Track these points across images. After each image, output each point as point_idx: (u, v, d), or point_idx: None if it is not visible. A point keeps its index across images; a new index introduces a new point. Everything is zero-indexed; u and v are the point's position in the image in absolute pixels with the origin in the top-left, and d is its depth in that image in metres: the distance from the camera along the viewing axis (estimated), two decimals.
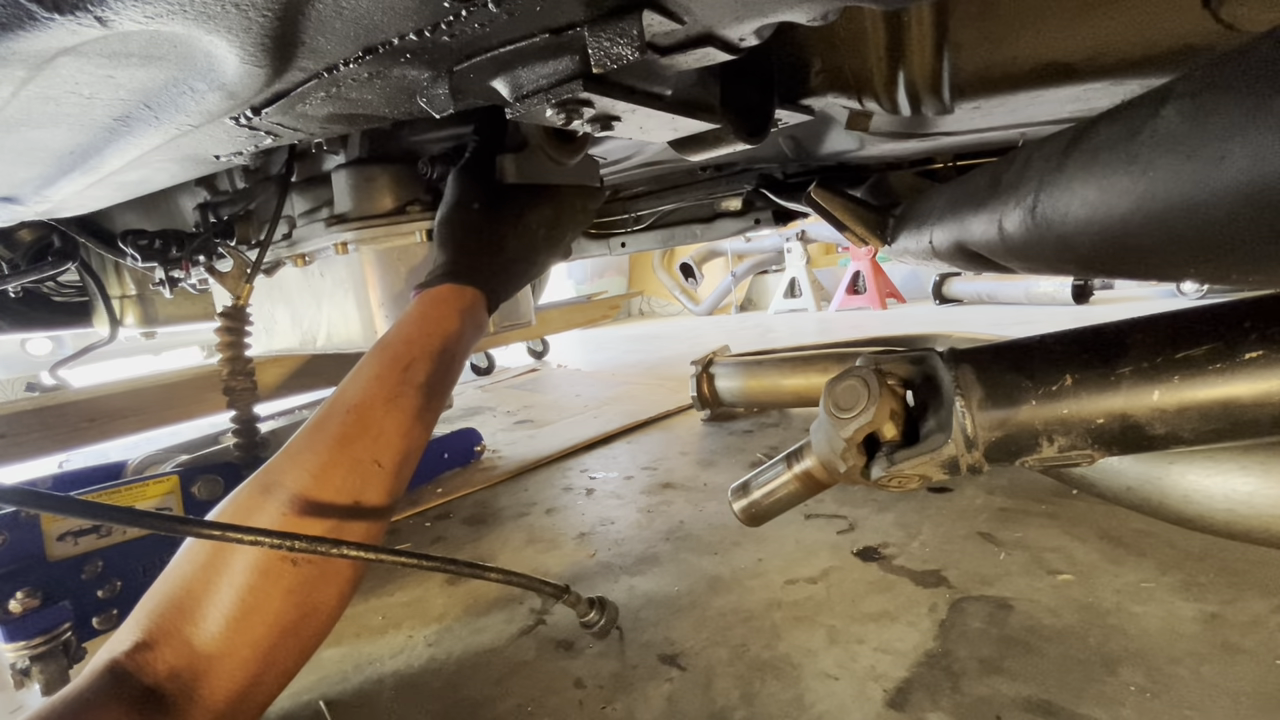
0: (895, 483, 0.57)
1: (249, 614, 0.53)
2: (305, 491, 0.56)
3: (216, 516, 0.57)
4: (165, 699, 0.49)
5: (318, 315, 0.89)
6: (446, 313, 0.68)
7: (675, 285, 5.56)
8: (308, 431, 0.61)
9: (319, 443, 0.59)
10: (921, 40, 0.69)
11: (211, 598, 0.52)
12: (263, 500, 0.56)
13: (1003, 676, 0.68)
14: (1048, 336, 0.54)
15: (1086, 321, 0.54)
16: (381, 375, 0.63)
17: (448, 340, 0.67)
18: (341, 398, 0.62)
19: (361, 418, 0.60)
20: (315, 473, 0.57)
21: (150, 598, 0.54)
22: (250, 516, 0.55)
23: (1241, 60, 0.32)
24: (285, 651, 0.55)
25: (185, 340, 3.47)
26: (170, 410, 1.35)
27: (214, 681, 0.51)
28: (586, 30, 0.43)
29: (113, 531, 0.90)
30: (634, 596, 0.94)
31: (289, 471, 0.58)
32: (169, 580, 0.54)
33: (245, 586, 0.53)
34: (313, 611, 0.56)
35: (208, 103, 0.50)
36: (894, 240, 0.86)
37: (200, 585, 0.53)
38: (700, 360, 1.86)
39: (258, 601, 0.53)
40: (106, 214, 1.07)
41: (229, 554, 0.53)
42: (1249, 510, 0.60)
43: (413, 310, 0.69)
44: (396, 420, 0.61)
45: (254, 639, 0.53)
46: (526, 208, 0.77)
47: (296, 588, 0.55)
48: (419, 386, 0.64)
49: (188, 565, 0.54)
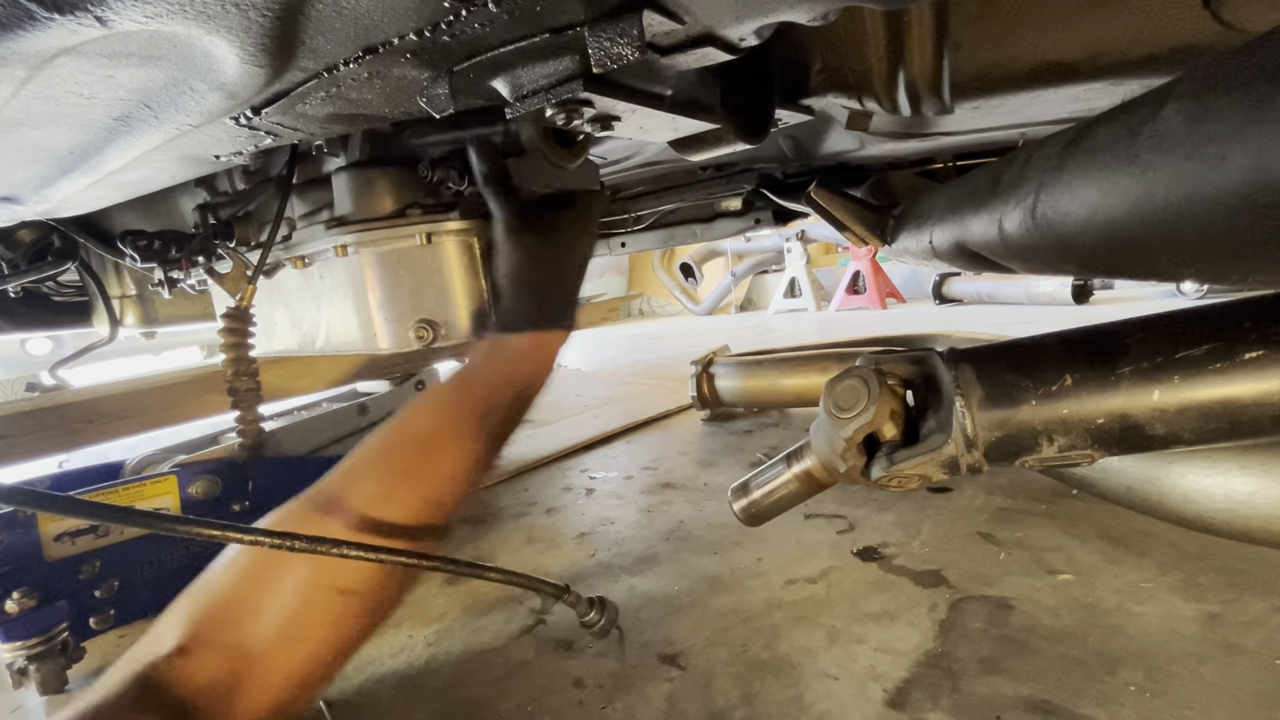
0: (895, 483, 0.57)
1: (291, 641, 0.51)
2: (365, 520, 0.55)
3: None
4: (197, 715, 0.47)
5: (317, 317, 0.88)
6: (530, 362, 0.69)
7: (675, 285, 5.56)
8: (372, 456, 0.59)
9: (384, 471, 0.58)
10: (921, 40, 0.69)
11: (256, 615, 0.51)
12: (320, 521, 0.55)
13: (1003, 676, 0.68)
14: (1048, 336, 0.54)
15: (1086, 321, 0.54)
16: (457, 416, 0.62)
17: (526, 388, 0.67)
18: (412, 428, 0.61)
19: (431, 455, 0.59)
20: (376, 501, 0.56)
21: (193, 600, 0.52)
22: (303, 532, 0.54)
23: (1241, 60, 0.32)
24: (316, 681, 0.54)
25: (185, 340, 3.47)
26: (170, 411, 1.34)
27: (247, 703, 0.49)
28: (587, 30, 0.43)
29: (110, 532, 0.90)
30: (634, 596, 0.94)
31: (349, 494, 0.56)
32: (214, 586, 0.52)
33: (291, 611, 0.51)
34: (348, 646, 0.55)
35: (208, 103, 0.50)
36: (894, 240, 0.86)
37: (247, 598, 0.51)
38: (700, 360, 1.86)
39: (300, 630, 0.52)
40: (106, 214, 1.07)
41: (279, 571, 0.52)
42: (1249, 510, 0.60)
43: (497, 355, 0.68)
44: (463, 463, 0.60)
45: (290, 668, 0.51)
46: (579, 239, 0.76)
47: (340, 620, 0.54)
48: (490, 434, 0.63)
49: (236, 573, 0.53)
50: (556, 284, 0.74)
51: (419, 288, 0.79)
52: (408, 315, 0.79)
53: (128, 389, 1.30)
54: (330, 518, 0.55)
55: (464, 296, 0.79)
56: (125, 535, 0.91)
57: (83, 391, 1.28)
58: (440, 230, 0.77)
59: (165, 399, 1.33)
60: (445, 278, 0.79)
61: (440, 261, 0.78)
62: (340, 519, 0.55)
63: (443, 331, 0.79)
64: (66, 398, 1.23)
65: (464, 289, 0.79)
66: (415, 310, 0.79)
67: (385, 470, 0.58)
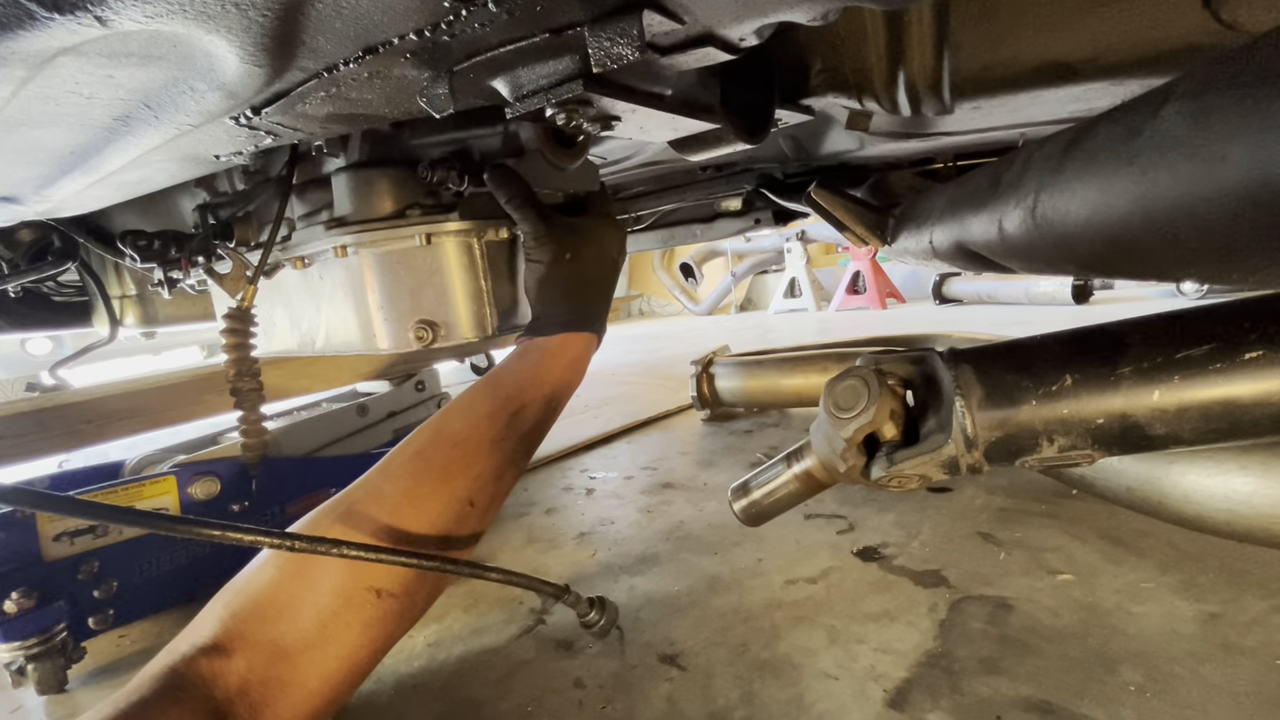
0: (895, 483, 0.57)
1: (328, 642, 0.51)
2: (400, 516, 0.56)
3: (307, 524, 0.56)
4: (232, 717, 0.47)
5: (316, 318, 0.89)
6: (560, 363, 0.71)
7: (675, 285, 5.56)
8: (408, 454, 0.60)
9: (421, 471, 0.59)
10: (921, 40, 0.69)
11: (296, 615, 0.51)
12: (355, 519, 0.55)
13: (1003, 676, 0.68)
14: (1048, 336, 0.54)
15: (1086, 321, 0.54)
16: (493, 415, 0.63)
17: (557, 389, 0.69)
18: (446, 429, 0.62)
19: (466, 454, 0.60)
20: (414, 500, 0.57)
21: (233, 596, 0.52)
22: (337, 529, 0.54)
23: (1241, 60, 0.32)
24: (349, 685, 0.54)
25: (185, 340, 3.46)
26: (170, 411, 1.34)
27: (281, 706, 0.49)
28: (587, 30, 0.43)
29: (109, 532, 0.90)
30: (634, 596, 0.94)
31: (385, 491, 0.57)
32: (254, 583, 0.52)
33: (329, 611, 0.51)
34: (380, 649, 0.55)
35: (208, 102, 0.49)
36: (894, 240, 0.86)
37: (287, 597, 0.51)
38: (700, 360, 1.86)
39: (338, 631, 0.52)
40: (106, 214, 1.07)
41: (318, 570, 0.52)
42: (1249, 510, 0.60)
43: (528, 356, 0.70)
44: (497, 463, 0.61)
45: (328, 670, 0.51)
46: (608, 244, 0.78)
47: (375, 622, 0.54)
48: (523, 434, 0.64)
49: (275, 572, 0.52)
50: (587, 289, 0.75)
51: (418, 288, 0.79)
52: (407, 316, 0.79)
53: (128, 389, 1.30)
54: (365, 516, 0.56)
55: (464, 297, 0.79)
56: (124, 535, 0.91)
57: (82, 391, 1.28)
58: (440, 231, 0.77)
59: (165, 399, 1.33)
60: (445, 278, 0.79)
61: (440, 262, 0.79)
62: (374, 518, 0.55)
63: (442, 332, 0.79)
64: (66, 398, 1.22)
65: (464, 290, 0.79)
66: (415, 311, 0.79)
67: (424, 470, 0.59)
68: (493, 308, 0.80)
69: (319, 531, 0.55)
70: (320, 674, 0.51)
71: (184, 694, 0.46)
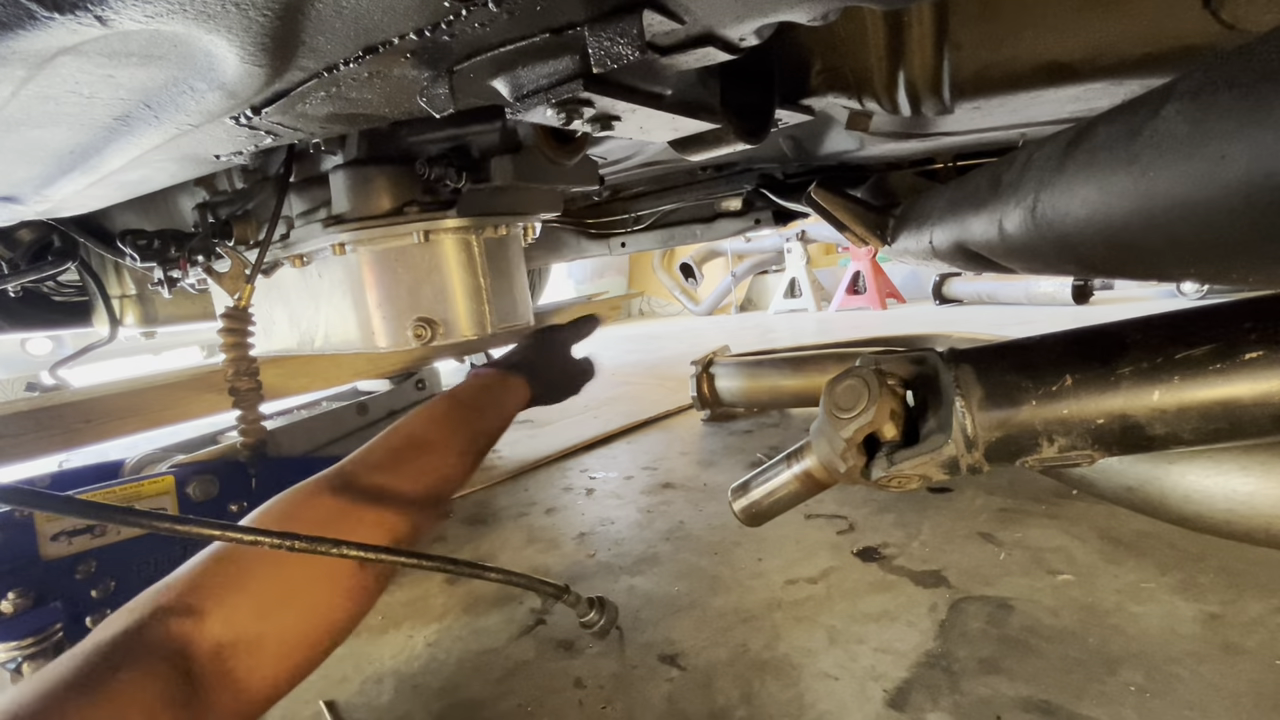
0: (895, 483, 0.56)
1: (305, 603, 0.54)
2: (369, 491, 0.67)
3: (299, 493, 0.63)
4: (203, 679, 0.47)
5: (315, 316, 0.88)
6: (508, 394, 0.91)
7: (675, 285, 5.56)
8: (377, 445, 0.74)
9: (386, 458, 0.72)
10: (922, 40, 0.69)
11: (274, 574, 0.53)
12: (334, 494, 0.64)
13: (1003, 676, 0.68)
14: (1048, 336, 0.54)
15: (1086, 321, 0.54)
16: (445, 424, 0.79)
17: (503, 412, 0.88)
18: (409, 428, 0.77)
19: (421, 450, 0.74)
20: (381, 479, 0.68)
21: (213, 562, 0.53)
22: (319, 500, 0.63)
23: (1241, 60, 0.32)
24: (318, 651, 0.55)
25: (185, 340, 3.46)
26: (169, 411, 1.34)
27: (253, 666, 0.50)
28: (587, 30, 0.43)
29: (107, 531, 0.90)
30: (634, 596, 0.94)
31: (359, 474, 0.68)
32: (227, 551, 0.53)
33: (309, 571, 0.54)
34: (359, 612, 0.58)
35: (208, 102, 0.49)
36: (894, 240, 0.86)
37: (260, 565, 0.53)
38: (700, 360, 1.86)
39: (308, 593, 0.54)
40: (106, 214, 1.07)
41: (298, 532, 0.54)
42: (1249, 510, 0.60)
43: (486, 381, 0.90)
44: (446, 461, 0.76)
45: (302, 630, 0.53)
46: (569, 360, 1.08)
47: (357, 589, 0.57)
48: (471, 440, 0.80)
49: None
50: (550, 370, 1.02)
51: (417, 286, 0.79)
52: (406, 314, 0.79)
53: (127, 389, 1.30)
54: (343, 492, 0.65)
55: (462, 295, 0.79)
56: (122, 535, 0.91)
57: (82, 391, 1.27)
58: (438, 228, 0.77)
59: (165, 399, 1.32)
60: (443, 276, 0.79)
61: (438, 259, 0.78)
62: (351, 492, 0.65)
63: (441, 330, 0.79)
64: (66, 398, 1.22)
65: (462, 287, 0.79)
66: (413, 308, 0.79)
67: (387, 457, 0.71)
68: (491, 305, 0.80)
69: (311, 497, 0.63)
70: (297, 634, 0.53)
71: (154, 658, 0.45)
